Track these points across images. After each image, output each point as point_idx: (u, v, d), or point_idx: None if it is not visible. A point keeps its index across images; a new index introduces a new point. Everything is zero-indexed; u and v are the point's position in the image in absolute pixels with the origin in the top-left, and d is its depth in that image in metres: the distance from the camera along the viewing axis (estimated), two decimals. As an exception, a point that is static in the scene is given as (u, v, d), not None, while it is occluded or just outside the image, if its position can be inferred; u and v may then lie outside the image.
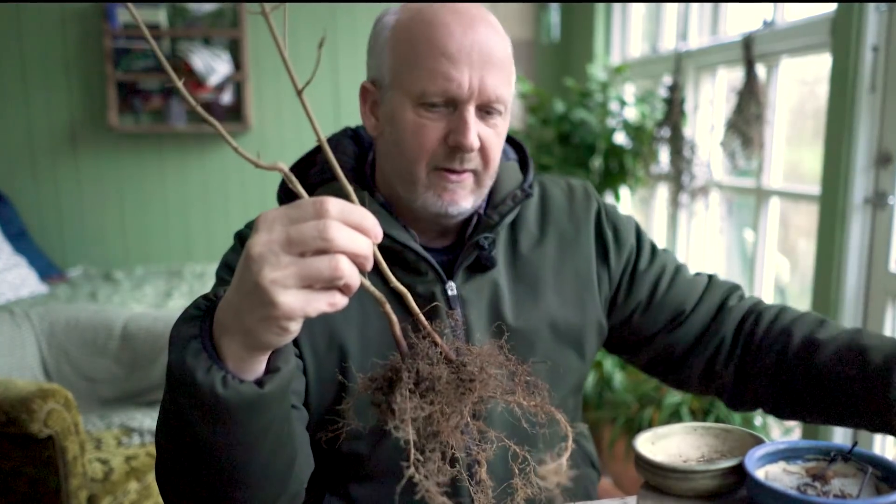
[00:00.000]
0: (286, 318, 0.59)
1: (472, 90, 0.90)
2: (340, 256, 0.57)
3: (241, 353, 0.63)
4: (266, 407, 0.66)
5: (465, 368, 0.65)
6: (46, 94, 3.51)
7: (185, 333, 0.65)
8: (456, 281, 0.99)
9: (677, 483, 0.65)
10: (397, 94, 0.93)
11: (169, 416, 0.70)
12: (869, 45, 1.93)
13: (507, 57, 0.93)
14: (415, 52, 0.91)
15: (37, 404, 1.71)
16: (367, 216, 0.60)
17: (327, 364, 0.94)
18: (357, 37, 3.74)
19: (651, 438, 0.71)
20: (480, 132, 0.92)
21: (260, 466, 0.70)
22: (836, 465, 0.64)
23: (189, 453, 0.69)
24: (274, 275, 0.57)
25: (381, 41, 0.95)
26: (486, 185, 0.98)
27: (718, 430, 0.73)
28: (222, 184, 3.74)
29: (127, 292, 3.00)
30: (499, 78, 0.91)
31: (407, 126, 0.92)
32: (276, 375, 0.66)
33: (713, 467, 0.64)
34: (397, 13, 0.95)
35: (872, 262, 2.02)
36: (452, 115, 0.91)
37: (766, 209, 2.53)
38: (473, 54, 0.89)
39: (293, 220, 0.58)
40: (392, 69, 0.93)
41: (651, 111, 3.01)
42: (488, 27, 0.92)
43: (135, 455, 2.05)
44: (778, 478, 0.64)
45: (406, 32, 0.92)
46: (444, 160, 0.93)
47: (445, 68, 0.89)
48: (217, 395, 0.62)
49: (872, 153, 1.97)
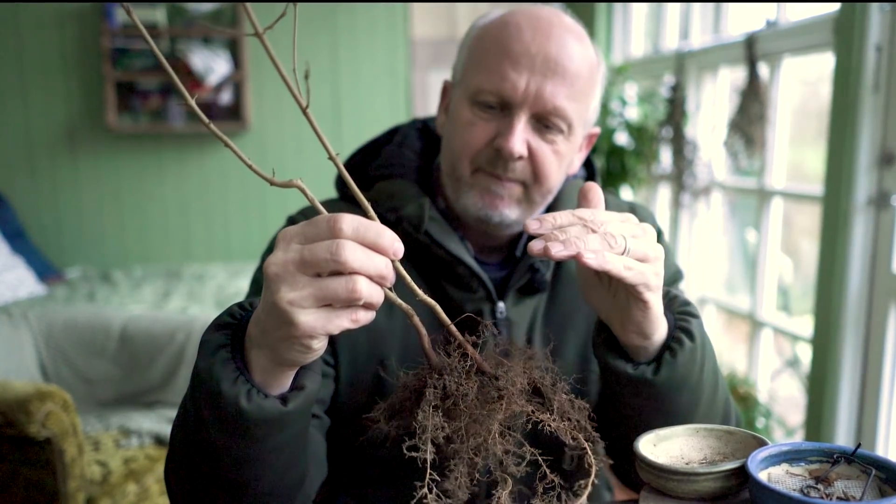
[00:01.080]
0: (307, 337, 0.58)
1: (526, 95, 0.86)
2: (357, 277, 0.57)
3: (268, 367, 0.63)
4: (285, 425, 0.65)
5: (497, 382, 0.64)
6: (44, 93, 3.50)
7: (215, 341, 0.65)
8: (506, 302, 0.95)
9: (679, 485, 0.64)
10: (459, 91, 0.92)
11: (188, 418, 0.69)
12: (872, 44, 1.92)
13: (580, 71, 0.88)
14: (483, 50, 0.89)
15: (35, 406, 1.70)
16: (383, 234, 0.58)
17: (365, 371, 0.92)
18: (357, 37, 3.73)
19: (653, 440, 0.70)
20: (532, 143, 0.88)
21: (268, 484, 0.70)
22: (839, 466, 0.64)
23: (201, 460, 0.68)
24: (291, 295, 0.57)
25: (465, 41, 0.94)
26: (536, 203, 0.93)
27: (721, 431, 0.72)
28: (221, 184, 3.73)
29: (125, 293, 2.99)
30: (562, 89, 0.87)
31: (460, 122, 0.90)
32: (301, 393, 0.65)
33: (715, 469, 0.64)
34: (490, 17, 0.93)
35: (876, 262, 2.01)
36: (504, 119, 0.88)
37: (768, 210, 2.53)
38: (538, 59, 0.86)
39: (309, 238, 0.58)
40: (463, 67, 0.92)
41: (653, 111, 3.01)
42: (565, 36, 0.88)
43: (133, 457, 2.04)
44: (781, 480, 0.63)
45: (483, 31, 0.91)
46: (487, 163, 0.90)
47: (504, 68, 0.86)
48: (240, 408, 0.62)
49: (875, 153, 1.96)
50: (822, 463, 0.65)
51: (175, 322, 2.40)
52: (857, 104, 1.95)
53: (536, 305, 0.97)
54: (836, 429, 2.10)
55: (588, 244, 0.64)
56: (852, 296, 2.02)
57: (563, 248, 0.63)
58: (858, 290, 2.03)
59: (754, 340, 2.66)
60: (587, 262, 0.63)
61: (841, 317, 2.04)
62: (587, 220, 0.66)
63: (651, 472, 0.66)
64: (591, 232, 0.65)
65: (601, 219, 0.67)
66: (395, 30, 3.78)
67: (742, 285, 3.06)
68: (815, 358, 2.17)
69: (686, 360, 0.74)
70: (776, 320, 2.60)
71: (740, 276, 2.94)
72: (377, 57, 3.78)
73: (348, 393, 0.92)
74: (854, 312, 2.03)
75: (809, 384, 2.22)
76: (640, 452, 0.67)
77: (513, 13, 0.90)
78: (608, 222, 0.67)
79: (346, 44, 3.72)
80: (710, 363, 0.79)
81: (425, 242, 0.91)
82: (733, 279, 3.14)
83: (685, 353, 0.74)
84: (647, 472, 0.66)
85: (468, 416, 0.62)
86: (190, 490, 0.73)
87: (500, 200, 0.90)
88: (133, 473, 2.02)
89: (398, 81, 3.82)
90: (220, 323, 0.67)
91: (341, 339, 0.91)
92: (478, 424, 0.62)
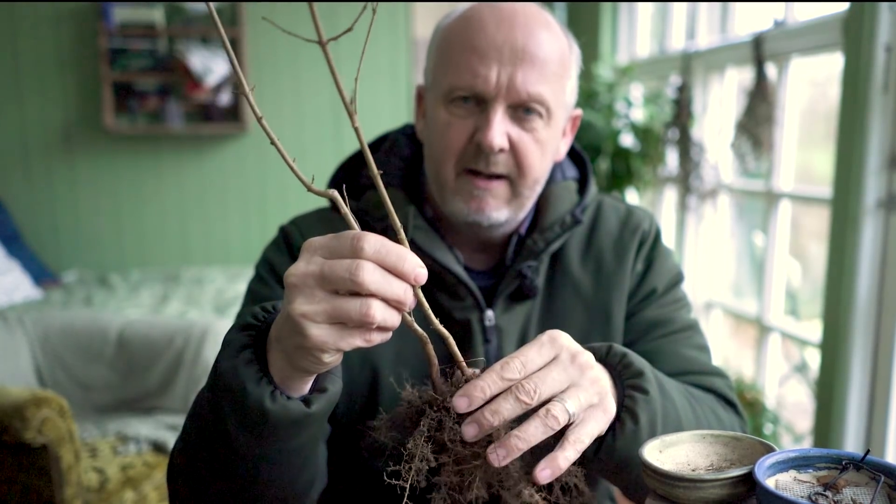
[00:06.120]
0: (318, 350, 0.58)
1: (499, 86, 0.85)
2: (372, 301, 0.56)
3: (285, 370, 0.63)
4: (307, 426, 0.65)
5: (490, 439, 0.62)
6: (40, 94, 3.48)
7: (239, 341, 0.65)
8: (495, 310, 0.94)
9: (686, 492, 0.64)
10: (433, 94, 0.91)
11: (206, 419, 0.69)
12: (881, 44, 1.91)
13: (550, 55, 0.87)
14: (450, 49, 0.89)
15: (31, 412, 1.70)
16: (405, 258, 0.58)
17: (359, 379, 0.92)
18: (357, 37, 3.71)
19: (659, 446, 0.69)
20: (512, 134, 0.87)
21: (281, 484, 0.70)
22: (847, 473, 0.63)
23: (216, 458, 0.69)
24: (305, 308, 0.57)
25: (431, 44, 0.94)
26: (524, 196, 0.92)
27: (728, 438, 0.71)
28: (220, 186, 3.70)
29: (123, 297, 2.97)
30: (535, 75, 0.86)
31: (438, 124, 0.89)
32: (323, 396, 0.65)
33: (722, 476, 0.63)
34: (452, 15, 0.93)
35: (885, 265, 2.00)
36: (481, 114, 0.87)
37: (776, 212, 2.51)
38: (505, 49, 0.85)
39: (332, 252, 0.58)
40: (433, 70, 0.92)
41: (659, 112, 2.99)
42: (530, 23, 0.87)
43: (131, 464, 2.04)
44: (788, 487, 0.63)
45: (448, 31, 0.91)
46: (470, 160, 0.88)
47: (473, 63, 0.86)
48: (265, 409, 0.62)
49: (885, 155, 1.95)
50: (831, 469, 0.64)
51: (173, 326, 2.40)
52: (867, 105, 1.93)
53: (529, 312, 0.96)
54: (844, 435, 2.09)
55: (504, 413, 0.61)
56: (861, 300, 2.01)
57: (505, 454, 0.60)
58: (868, 294, 2.01)
59: (762, 345, 2.65)
60: (539, 480, 0.62)
61: (850, 321, 2.03)
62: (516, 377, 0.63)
63: (657, 478, 0.65)
64: (525, 404, 0.62)
65: (531, 370, 0.63)
66: (396, 30, 3.76)
67: (749, 289, 3.05)
68: (823, 363, 2.15)
69: (627, 442, 0.72)
70: (784, 325, 2.58)
71: (747, 280, 2.92)
72: (379, 57, 3.76)
73: (345, 402, 0.91)
74: (863, 316, 2.02)
75: (818, 390, 2.21)
76: (646, 459, 0.66)
77: (473, 8, 0.90)
78: (539, 376, 0.63)
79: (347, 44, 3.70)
80: (668, 431, 0.76)
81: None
82: (740, 283, 3.12)
83: (625, 436, 0.72)
84: (652, 479, 0.65)
85: (455, 456, 0.62)
86: (198, 490, 0.73)
87: (485, 204, 0.89)
88: (130, 481, 2.01)
89: (399, 82, 3.80)
90: (244, 324, 0.67)
91: None
92: (463, 464, 0.62)
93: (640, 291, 0.99)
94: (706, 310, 3.01)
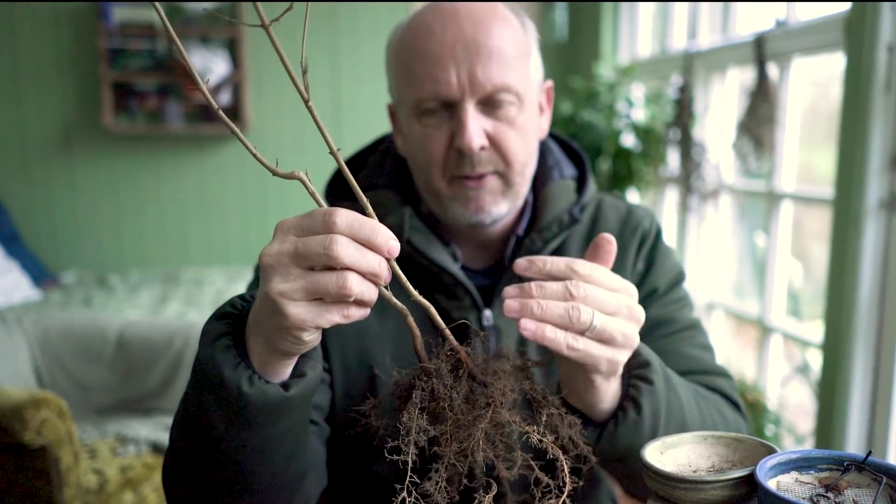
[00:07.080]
0: (297, 329, 0.59)
1: (462, 86, 0.85)
2: (348, 273, 0.57)
3: (265, 355, 0.63)
4: (287, 411, 0.65)
5: (486, 390, 0.64)
6: (39, 94, 3.47)
7: (216, 330, 0.66)
8: (493, 310, 0.93)
9: (687, 494, 0.64)
10: (403, 110, 0.92)
11: (189, 413, 0.69)
12: (883, 44, 1.90)
13: (504, 41, 0.86)
14: (406, 62, 0.88)
15: (30, 413, 1.70)
16: (378, 231, 0.58)
17: (358, 380, 0.92)
18: (358, 37, 3.71)
19: (660, 448, 0.69)
20: (488, 129, 0.87)
21: (270, 475, 0.70)
22: (849, 474, 0.63)
23: (203, 453, 0.69)
24: (282, 287, 0.58)
25: (388, 62, 0.94)
26: (518, 184, 0.91)
27: (729, 439, 0.71)
28: (220, 186, 3.70)
29: (122, 298, 2.97)
30: (494, 65, 0.85)
31: (415, 139, 0.90)
32: (302, 380, 0.65)
33: (723, 477, 0.63)
34: (399, 29, 0.93)
35: (887, 266, 1.99)
36: (454, 118, 0.87)
37: (777, 213, 2.50)
38: (457, 48, 0.85)
39: (305, 230, 0.59)
40: (397, 86, 0.92)
41: (660, 112, 2.98)
42: (474, 15, 0.86)
43: (130, 465, 2.04)
44: (790, 488, 0.63)
45: (399, 45, 0.91)
46: (456, 167, 0.88)
47: (431, 70, 0.85)
48: (243, 394, 0.62)
49: (887, 155, 1.94)
50: (833, 471, 0.64)
51: (173, 327, 2.40)
52: (869, 105, 1.93)
53: None
54: (846, 436, 2.08)
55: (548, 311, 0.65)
56: (863, 300, 2.00)
57: (518, 309, 0.65)
58: (870, 295, 2.00)
59: (763, 346, 2.64)
60: (522, 331, 0.65)
61: (852, 322, 2.02)
62: (579, 274, 0.67)
63: (658, 480, 0.65)
64: (568, 298, 0.66)
65: (591, 281, 0.67)
66: (396, 30, 3.76)
67: (751, 290, 3.04)
68: (825, 364, 2.15)
69: (629, 432, 0.72)
70: (786, 326, 2.57)
71: (749, 281, 2.92)
72: (379, 57, 3.75)
73: (344, 405, 0.91)
74: (865, 317, 2.01)
75: (819, 391, 2.20)
76: (647, 460, 0.66)
77: (416, 15, 0.90)
78: (595, 287, 0.67)
79: (348, 44, 3.70)
80: (672, 426, 0.77)
81: (409, 252, 0.91)
82: (742, 284, 3.12)
83: (628, 425, 0.72)
84: (653, 481, 0.66)
85: (453, 421, 0.62)
86: (191, 491, 0.73)
87: (484, 202, 0.89)
88: (130, 482, 2.01)
89: (399, 83, 3.79)
90: (222, 313, 0.67)
91: (331, 344, 0.91)
92: (462, 430, 0.62)
93: (641, 291, 0.98)
94: (708, 310, 3.01)
